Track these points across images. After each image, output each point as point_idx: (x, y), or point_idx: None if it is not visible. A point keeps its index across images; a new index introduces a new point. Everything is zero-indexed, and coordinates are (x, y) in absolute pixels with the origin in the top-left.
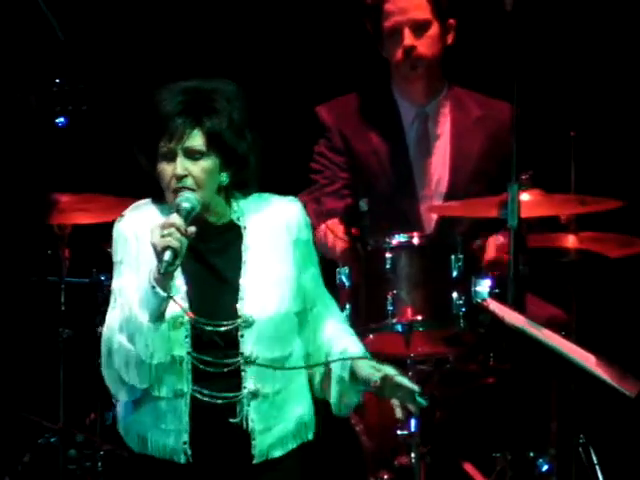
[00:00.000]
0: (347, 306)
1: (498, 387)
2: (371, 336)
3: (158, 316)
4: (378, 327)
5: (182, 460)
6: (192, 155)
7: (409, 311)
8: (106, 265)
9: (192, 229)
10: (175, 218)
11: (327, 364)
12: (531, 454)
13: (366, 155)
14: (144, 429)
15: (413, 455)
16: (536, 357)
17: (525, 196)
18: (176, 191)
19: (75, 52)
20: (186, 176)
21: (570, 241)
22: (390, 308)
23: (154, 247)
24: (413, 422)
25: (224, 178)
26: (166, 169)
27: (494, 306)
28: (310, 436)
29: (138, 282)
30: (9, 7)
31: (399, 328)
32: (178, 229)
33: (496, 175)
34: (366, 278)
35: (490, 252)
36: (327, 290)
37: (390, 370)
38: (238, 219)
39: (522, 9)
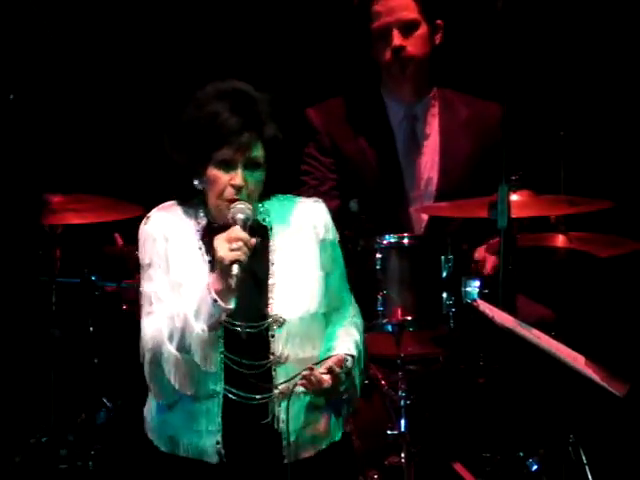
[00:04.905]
0: None
1: (488, 387)
2: None
3: (216, 327)
4: (368, 327)
5: (214, 460)
6: (252, 167)
7: (399, 311)
8: (97, 266)
9: (254, 240)
10: (240, 232)
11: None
12: (521, 454)
13: (355, 156)
14: (175, 431)
15: (403, 455)
16: (526, 357)
17: (515, 197)
18: (231, 201)
19: (69, 50)
20: (243, 187)
21: (559, 241)
22: (380, 308)
23: (221, 261)
24: (403, 422)
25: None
26: (222, 177)
27: (484, 306)
28: (339, 436)
29: (171, 284)
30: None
31: (389, 328)
32: (246, 243)
33: (485, 175)
34: (356, 278)
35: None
36: (350, 291)
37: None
38: (264, 220)
39: (512, 8)
